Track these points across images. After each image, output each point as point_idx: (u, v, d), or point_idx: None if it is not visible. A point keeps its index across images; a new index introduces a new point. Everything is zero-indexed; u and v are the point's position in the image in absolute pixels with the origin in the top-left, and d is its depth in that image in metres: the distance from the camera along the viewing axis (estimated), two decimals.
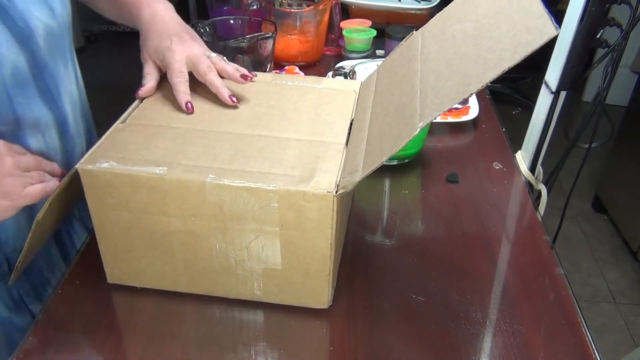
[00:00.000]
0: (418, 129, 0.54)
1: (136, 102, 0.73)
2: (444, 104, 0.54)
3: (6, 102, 0.66)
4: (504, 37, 0.54)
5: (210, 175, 0.58)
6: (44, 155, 0.71)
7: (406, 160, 0.94)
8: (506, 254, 0.76)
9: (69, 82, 0.77)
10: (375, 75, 0.76)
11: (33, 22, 0.67)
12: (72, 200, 0.66)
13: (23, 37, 0.66)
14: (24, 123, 0.69)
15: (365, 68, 1.22)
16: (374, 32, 1.34)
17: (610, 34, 0.87)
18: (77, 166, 0.60)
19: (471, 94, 0.52)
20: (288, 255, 0.62)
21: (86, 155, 0.61)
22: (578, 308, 0.67)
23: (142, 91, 0.74)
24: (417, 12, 1.49)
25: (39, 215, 0.60)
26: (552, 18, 0.51)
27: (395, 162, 0.93)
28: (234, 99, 0.73)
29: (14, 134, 0.68)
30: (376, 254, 0.75)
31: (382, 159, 0.55)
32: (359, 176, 0.57)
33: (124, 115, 0.69)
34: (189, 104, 0.71)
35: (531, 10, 0.54)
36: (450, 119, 1.06)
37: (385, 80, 0.71)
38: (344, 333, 0.64)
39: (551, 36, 0.49)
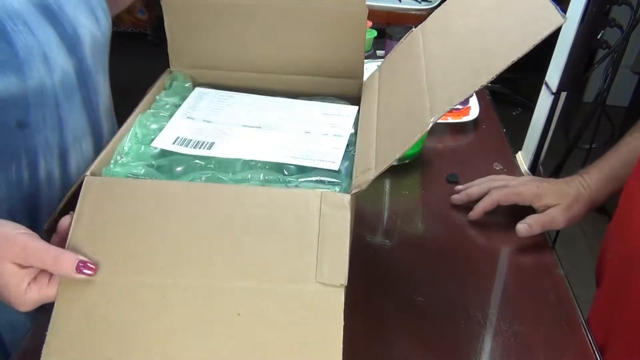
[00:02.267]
0: (430, 124, 0.54)
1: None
2: (454, 97, 0.54)
3: (54, 106, 0.66)
4: (510, 28, 0.54)
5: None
6: (80, 169, 0.72)
7: (406, 161, 0.94)
8: (506, 254, 0.76)
9: (105, 94, 0.77)
10: (377, 74, 0.76)
11: (81, 30, 0.68)
12: None
13: (71, 44, 0.66)
14: (66, 130, 0.69)
15: (366, 68, 1.22)
16: (374, 33, 1.34)
17: (610, 35, 0.87)
18: (86, 173, 0.59)
19: (482, 86, 0.52)
20: None
21: (94, 164, 0.61)
22: (578, 308, 0.67)
23: None
24: (418, 12, 1.49)
25: (46, 225, 0.59)
26: (558, 7, 0.51)
27: (395, 163, 0.93)
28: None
29: (59, 144, 0.69)
30: (376, 254, 0.75)
31: (395, 155, 0.55)
32: (372, 174, 0.57)
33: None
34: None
35: (535, 0, 0.54)
36: (450, 120, 1.05)
37: (388, 79, 0.71)
38: (344, 333, 0.64)
39: (559, 24, 0.49)
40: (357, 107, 0.77)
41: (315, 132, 0.72)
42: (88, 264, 0.51)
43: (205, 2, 0.77)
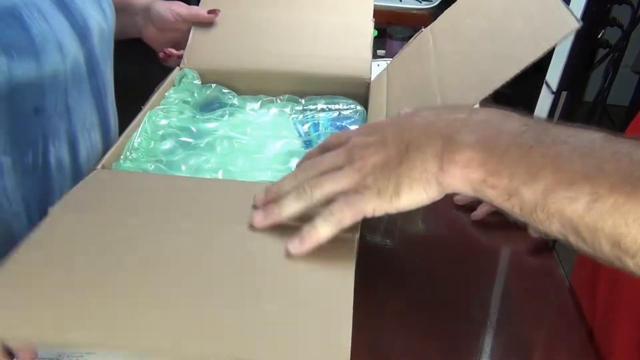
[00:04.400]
0: None
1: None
2: (467, 101, 0.54)
3: (63, 93, 0.68)
4: (522, 31, 0.54)
5: None
6: (90, 158, 0.74)
7: None
8: (507, 254, 0.76)
9: (111, 87, 0.79)
10: (384, 75, 0.75)
11: (90, 21, 0.70)
12: None
13: (82, 34, 0.68)
14: (75, 118, 0.71)
15: None
16: (375, 32, 1.34)
17: (611, 34, 0.87)
18: (98, 167, 0.59)
19: (494, 90, 0.51)
20: None
21: (104, 159, 0.61)
22: (578, 308, 0.67)
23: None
24: (418, 12, 1.49)
25: None
26: (570, 10, 0.50)
27: None
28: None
29: (68, 131, 0.70)
30: (376, 254, 0.75)
31: None
32: None
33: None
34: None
35: (546, 3, 0.53)
36: None
37: (397, 80, 0.71)
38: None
39: (573, 29, 0.48)
40: (363, 109, 0.77)
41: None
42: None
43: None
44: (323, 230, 0.45)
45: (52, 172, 0.70)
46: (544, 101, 0.94)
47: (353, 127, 0.75)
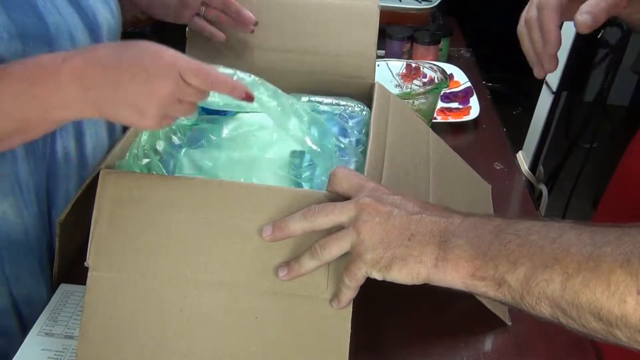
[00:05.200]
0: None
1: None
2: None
3: None
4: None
5: None
6: (96, 151, 0.74)
7: None
8: None
9: None
10: (389, 99, 0.75)
11: (99, 18, 0.71)
12: None
13: (92, 28, 0.69)
14: None
15: None
16: None
17: (611, 34, 0.87)
18: (101, 167, 0.59)
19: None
20: None
21: (109, 156, 0.61)
22: None
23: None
24: (418, 12, 1.48)
25: (61, 217, 0.59)
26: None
27: None
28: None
29: (75, 122, 0.71)
30: None
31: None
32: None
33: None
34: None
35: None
36: (451, 119, 1.06)
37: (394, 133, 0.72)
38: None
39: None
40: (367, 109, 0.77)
41: None
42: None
43: None
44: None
45: (58, 163, 0.71)
46: (544, 101, 0.94)
47: (354, 124, 0.75)
